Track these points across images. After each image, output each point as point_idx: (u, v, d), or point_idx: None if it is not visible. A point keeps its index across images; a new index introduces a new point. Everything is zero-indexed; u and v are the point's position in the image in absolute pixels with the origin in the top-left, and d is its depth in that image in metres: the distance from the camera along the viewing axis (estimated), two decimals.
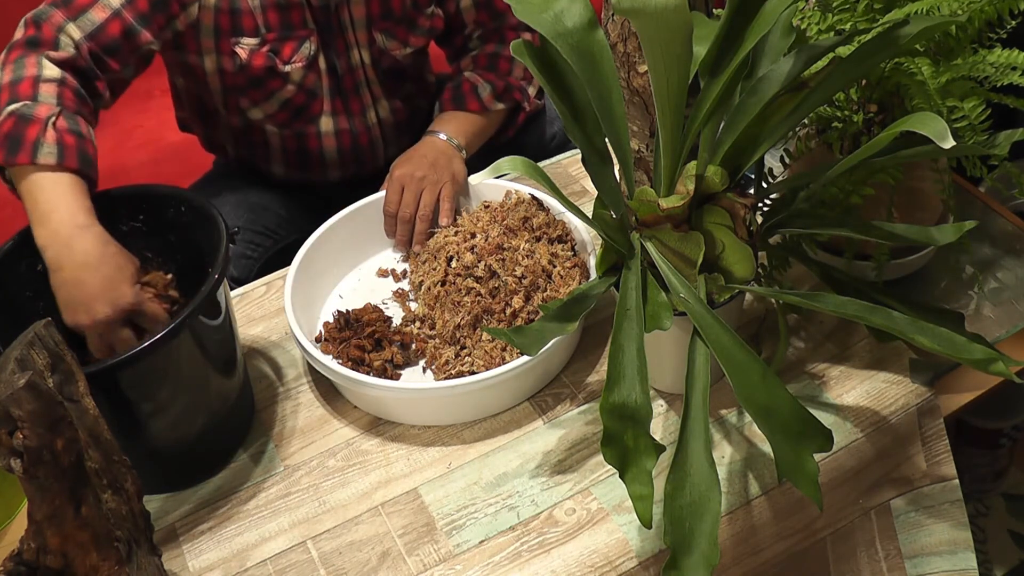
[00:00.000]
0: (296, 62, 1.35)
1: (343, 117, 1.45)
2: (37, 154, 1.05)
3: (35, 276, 1.08)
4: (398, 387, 1.07)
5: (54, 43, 1.15)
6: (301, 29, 1.34)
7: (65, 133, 1.08)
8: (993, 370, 0.88)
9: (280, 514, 1.04)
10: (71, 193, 1.06)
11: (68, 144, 1.07)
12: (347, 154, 1.50)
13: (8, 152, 1.06)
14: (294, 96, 1.40)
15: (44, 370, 0.84)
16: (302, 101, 1.41)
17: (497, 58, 1.50)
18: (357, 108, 1.46)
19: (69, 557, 0.85)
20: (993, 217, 1.31)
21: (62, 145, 1.07)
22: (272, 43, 1.33)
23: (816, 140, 1.12)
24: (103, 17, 1.19)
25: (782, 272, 1.12)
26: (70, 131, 1.08)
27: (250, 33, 1.32)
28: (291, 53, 1.35)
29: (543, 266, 1.16)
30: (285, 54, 1.34)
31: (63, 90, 1.12)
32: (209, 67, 1.35)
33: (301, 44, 1.35)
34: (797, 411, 0.88)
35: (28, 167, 1.06)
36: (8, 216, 1.97)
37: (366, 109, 1.47)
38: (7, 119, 1.07)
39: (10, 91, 1.10)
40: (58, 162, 1.06)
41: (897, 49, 0.90)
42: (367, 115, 1.47)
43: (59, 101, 1.10)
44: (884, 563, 1.12)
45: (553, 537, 0.99)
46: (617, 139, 0.98)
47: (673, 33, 0.83)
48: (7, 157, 1.06)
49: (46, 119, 1.07)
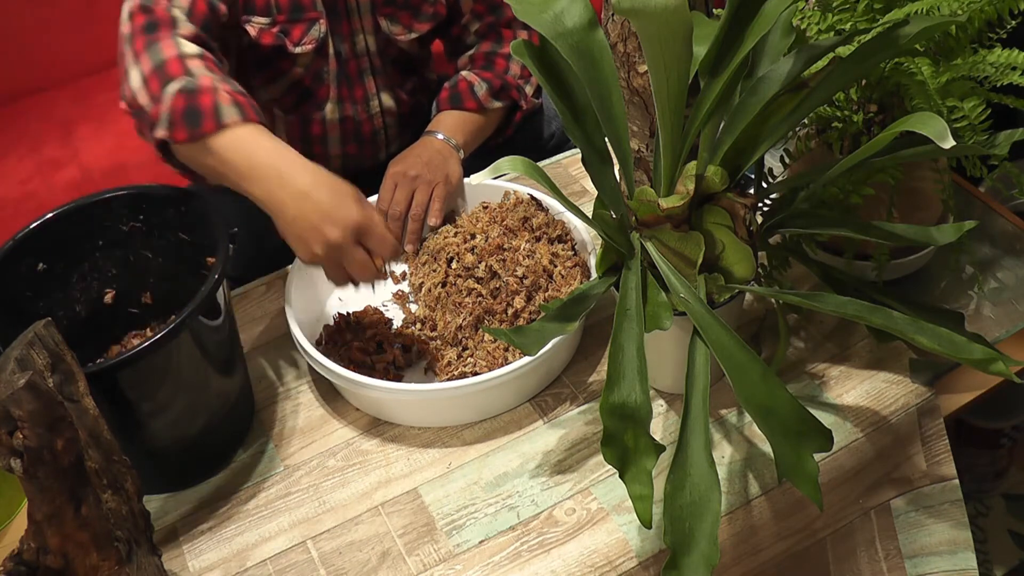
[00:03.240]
0: (306, 44, 1.37)
1: (347, 104, 1.46)
2: (220, 118, 1.06)
3: (35, 276, 1.08)
4: (400, 388, 1.07)
5: (172, 22, 1.16)
6: (311, 11, 1.36)
7: (236, 94, 1.09)
8: (993, 370, 0.88)
9: (280, 514, 1.04)
10: (264, 138, 1.07)
11: (242, 103, 1.08)
12: (349, 143, 1.50)
13: (190, 126, 1.06)
14: (302, 78, 1.41)
15: (44, 370, 0.84)
16: (309, 84, 1.42)
17: (494, 56, 1.50)
18: (360, 95, 1.47)
19: (69, 557, 0.85)
20: (993, 217, 1.31)
21: (238, 104, 1.07)
22: (282, 24, 1.34)
23: (816, 140, 1.13)
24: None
25: (782, 272, 1.12)
26: (238, 92, 1.10)
27: (261, 12, 1.33)
28: (301, 35, 1.36)
29: (544, 266, 1.16)
30: (295, 36, 1.36)
31: (207, 62, 1.13)
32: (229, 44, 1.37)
33: (311, 27, 1.36)
34: (797, 411, 0.88)
35: (212, 134, 1.06)
36: (8, 216, 1.98)
37: (369, 98, 1.48)
38: (176, 97, 1.07)
39: (160, 74, 1.10)
40: (242, 118, 1.06)
41: (897, 49, 0.90)
42: (370, 104, 1.48)
43: (210, 71, 1.11)
44: (884, 563, 1.12)
45: (553, 537, 0.99)
46: (617, 139, 0.98)
47: (673, 33, 0.83)
48: (191, 131, 1.06)
49: (212, 86, 1.08)
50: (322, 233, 1.03)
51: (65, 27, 2.22)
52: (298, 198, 1.03)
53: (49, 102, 2.26)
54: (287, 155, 1.06)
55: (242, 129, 1.07)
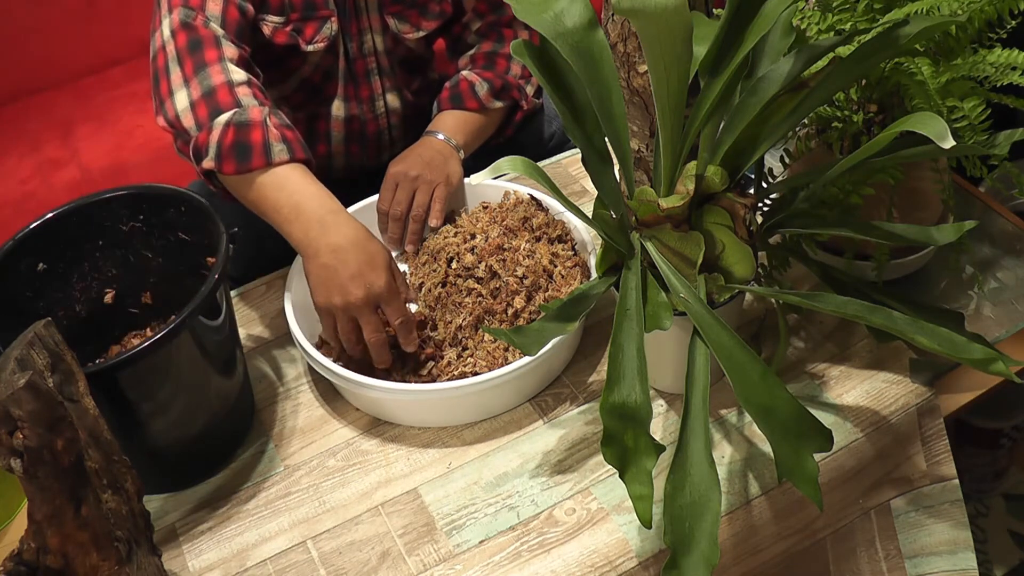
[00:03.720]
0: (318, 42, 1.37)
1: (353, 103, 1.46)
2: (271, 155, 1.08)
3: (35, 276, 1.08)
4: (400, 388, 1.07)
5: (216, 41, 1.17)
6: (323, 9, 1.36)
7: (284, 129, 1.10)
8: (993, 370, 0.88)
9: (280, 514, 1.04)
10: (313, 183, 1.09)
11: (291, 139, 1.10)
12: (353, 142, 1.50)
13: (239, 160, 1.08)
14: (312, 76, 1.42)
15: (44, 370, 0.84)
16: (318, 82, 1.43)
17: (495, 56, 1.50)
18: (367, 95, 1.47)
19: (69, 557, 0.85)
20: (993, 217, 1.31)
21: (287, 141, 1.10)
22: (295, 23, 1.35)
23: (816, 140, 1.13)
24: (219, 8, 1.20)
25: (782, 272, 1.12)
26: (285, 126, 1.11)
27: (275, 11, 1.33)
28: (313, 33, 1.36)
29: (544, 266, 1.16)
30: (307, 34, 1.36)
31: (254, 90, 1.14)
32: None
33: (323, 24, 1.36)
34: (797, 411, 0.88)
35: (261, 170, 1.08)
36: (8, 216, 1.98)
37: (375, 97, 1.48)
38: (227, 130, 1.10)
39: (210, 102, 1.12)
40: (291, 157, 1.09)
41: (897, 49, 0.90)
42: (376, 103, 1.48)
43: (260, 101, 1.13)
44: (884, 563, 1.12)
45: (553, 537, 0.99)
46: (617, 139, 0.98)
47: (673, 33, 0.83)
48: (239, 165, 1.08)
49: (262, 121, 1.10)
50: (347, 289, 1.06)
51: (65, 27, 2.23)
52: (334, 251, 1.07)
53: (49, 102, 2.26)
54: (332, 205, 1.10)
55: (290, 169, 1.09)
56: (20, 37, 2.21)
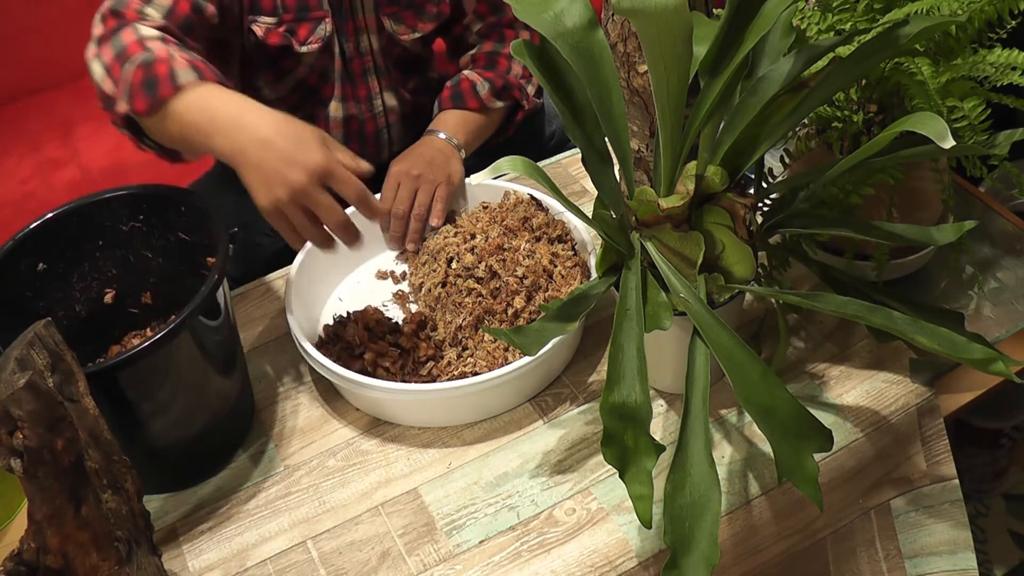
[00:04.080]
0: (312, 43, 1.37)
1: (351, 103, 1.46)
2: (176, 80, 1.05)
3: (35, 276, 1.08)
4: (400, 388, 1.07)
5: (140, 18, 1.16)
6: (317, 10, 1.36)
7: (193, 60, 1.08)
8: (993, 370, 0.88)
9: (280, 514, 1.04)
10: (222, 92, 1.05)
11: (200, 66, 1.08)
12: (352, 142, 1.50)
13: (148, 94, 1.05)
14: (307, 77, 1.41)
15: (44, 370, 0.84)
16: (314, 82, 1.42)
17: (496, 56, 1.50)
18: (364, 94, 1.47)
19: (69, 557, 0.85)
20: (993, 217, 1.31)
21: (195, 67, 1.07)
22: (288, 23, 1.35)
23: (816, 140, 1.13)
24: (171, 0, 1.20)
25: (782, 272, 1.12)
26: (195, 59, 1.09)
27: (268, 12, 1.33)
28: (307, 34, 1.36)
29: (544, 266, 1.16)
30: (301, 35, 1.36)
31: (167, 41, 1.13)
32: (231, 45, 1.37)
33: (317, 25, 1.36)
34: (797, 411, 0.88)
35: (171, 98, 1.05)
36: (8, 216, 1.98)
37: (373, 96, 1.48)
38: (135, 71, 1.07)
39: (121, 59, 1.10)
40: (198, 78, 1.06)
41: (897, 49, 0.90)
42: (374, 103, 1.48)
43: (167, 45, 1.11)
44: (884, 563, 1.12)
45: (553, 537, 0.99)
46: (617, 139, 0.98)
47: (673, 33, 0.83)
48: (151, 100, 1.05)
49: (168, 56, 1.08)
50: (285, 177, 0.99)
51: (65, 27, 2.23)
52: (260, 144, 1.00)
53: (49, 102, 2.26)
54: (247, 104, 1.04)
55: (200, 88, 1.05)
56: (20, 37, 2.22)
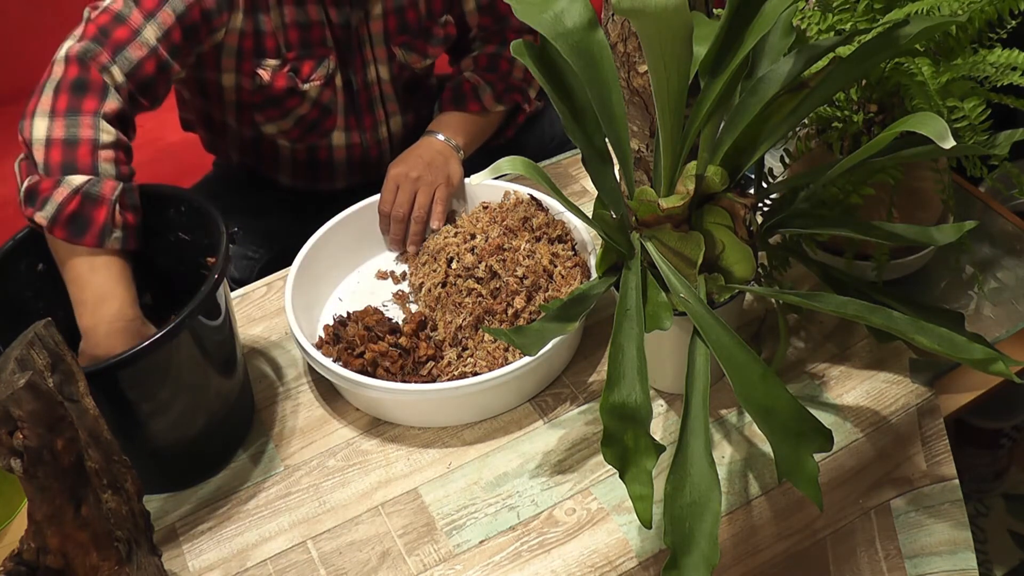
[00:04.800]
0: (314, 80, 1.36)
1: (355, 132, 1.46)
2: (105, 240, 1.03)
3: (35, 276, 1.08)
4: (400, 388, 1.07)
5: (102, 91, 1.10)
6: (320, 48, 1.35)
7: (128, 212, 1.06)
8: (993, 370, 0.88)
9: (280, 514, 1.04)
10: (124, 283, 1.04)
11: (130, 225, 1.06)
12: (356, 166, 1.50)
13: (72, 233, 1.03)
14: (308, 112, 1.40)
15: (44, 370, 0.84)
16: (316, 117, 1.41)
17: (498, 59, 1.50)
18: (369, 123, 1.47)
19: (69, 557, 0.85)
20: (993, 217, 1.31)
21: (127, 229, 1.05)
22: (292, 62, 1.34)
23: (816, 140, 1.13)
24: (140, 55, 1.15)
25: (782, 272, 1.12)
26: (132, 207, 1.07)
27: (272, 55, 1.32)
28: (310, 72, 1.35)
29: (544, 266, 1.16)
30: (304, 72, 1.35)
31: (118, 153, 1.08)
32: (227, 84, 1.35)
33: (320, 63, 1.35)
34: (797, 411, 0.88)
35: (90, 249, 1.04)
36: (8, 216, 1.98)
37: (378, 124, 1.48)
38: (72, 196, 1.03)
39: (67, 153, 1.05)
40: (121, 247, 1.05)
41: (897, 49, 0.90)
42: (379, 130, 1.48)
43: (118, 173, 1.07)
44: (884, 563, 1.12)
45: (553, 537, 0.99)
46: (617, 139, 0.98)
47: (673, 33, 0.83)
48: (70, 236, 1.03)
49: (112, 200, 1.04)
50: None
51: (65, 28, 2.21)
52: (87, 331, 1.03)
53: None
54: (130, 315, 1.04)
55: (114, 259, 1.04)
56: (20, 37, 2.21)
